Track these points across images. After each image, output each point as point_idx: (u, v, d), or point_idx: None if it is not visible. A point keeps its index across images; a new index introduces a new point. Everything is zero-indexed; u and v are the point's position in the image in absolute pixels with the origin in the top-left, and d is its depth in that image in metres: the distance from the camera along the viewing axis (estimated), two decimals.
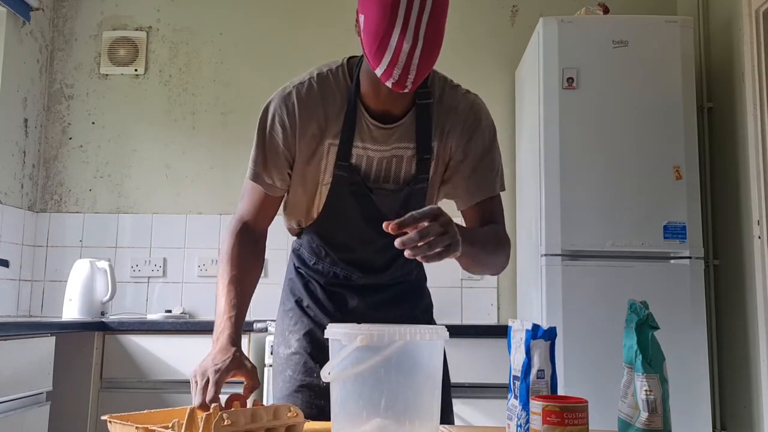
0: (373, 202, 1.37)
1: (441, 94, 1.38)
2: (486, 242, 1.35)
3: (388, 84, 1.18)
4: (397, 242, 1.09)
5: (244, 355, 1.22)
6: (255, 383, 1.20)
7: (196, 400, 1.13)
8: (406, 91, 1.19)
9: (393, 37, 1.13)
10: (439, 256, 1.12)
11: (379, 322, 1.23)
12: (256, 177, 1.39)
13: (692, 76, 2.75)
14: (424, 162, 1.36)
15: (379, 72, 1.17)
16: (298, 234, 1.53)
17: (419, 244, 1.08)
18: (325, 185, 1.38)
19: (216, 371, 1.15)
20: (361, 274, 1.47)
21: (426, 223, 1.10)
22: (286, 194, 1.45)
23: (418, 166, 1.36)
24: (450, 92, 1.39)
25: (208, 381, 1.14)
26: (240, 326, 1.29)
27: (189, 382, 1.17)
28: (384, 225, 1.08)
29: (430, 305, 1.60)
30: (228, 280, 1.34)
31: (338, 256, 1.46)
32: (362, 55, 1.29)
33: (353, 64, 1.37)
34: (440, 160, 1.39)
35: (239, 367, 1.18)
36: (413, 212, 1.10)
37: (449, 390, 1.50)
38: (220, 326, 1.28)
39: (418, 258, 1.10)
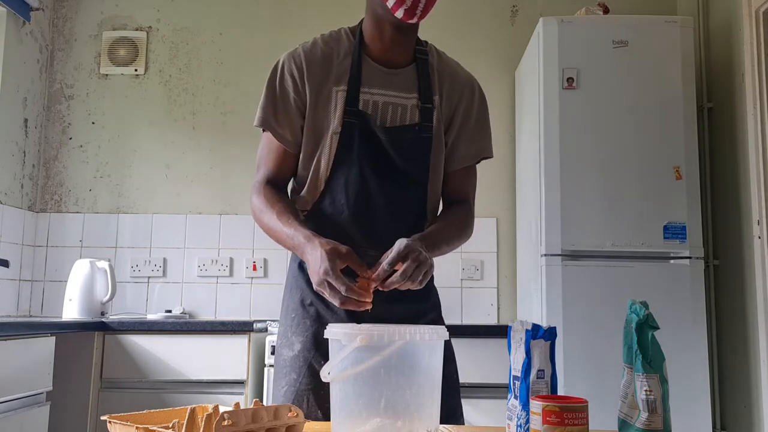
0: (383, 150, 1.41)
1: (439, 59, 1.51)
2: (451, 239, 1.45)
3: (399, 14, 1.32)
4: (385, 289, 1.22)
5: (326, 241, 1.25)
6: (359, 264, 1.24)
7: (342, 304, 1.21)
8: (414, 20, 1.33)
9: None
10: (422, 284, 1.25)
11: (388, 318, 1.24)
12: (264, 122, 1.44)
13: (692, 76, 2.75)
14: (427, 111, 1.45)
15: (391, 2, 1.32)
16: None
17: (403, 283, 1.21)
18: (335, 135, 1.40)
19: (326, 273, 1.20)
20: (368, 242, 1.41)
21: (402, 264, 1.21)
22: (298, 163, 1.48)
23: (421, 114, 1.45)
24: (448, 60, 1.54)
25: (332, 286, 1.20)
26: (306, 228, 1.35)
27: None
28: (362, 281, 1.22)
29: (438, 303, 1.54)
30: (277, 213, 1.37)
31: (346, 223, 1.41)
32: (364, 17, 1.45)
33: (354, 28, 1.49)
34: (442, 117, 1.48)
35: (336, 257, 1.22)
36: (383, 263, 1.22)
37: (458, 392, 1.48)
38: (291, 238, 1.34)
39: (408, 286, 1.23)
